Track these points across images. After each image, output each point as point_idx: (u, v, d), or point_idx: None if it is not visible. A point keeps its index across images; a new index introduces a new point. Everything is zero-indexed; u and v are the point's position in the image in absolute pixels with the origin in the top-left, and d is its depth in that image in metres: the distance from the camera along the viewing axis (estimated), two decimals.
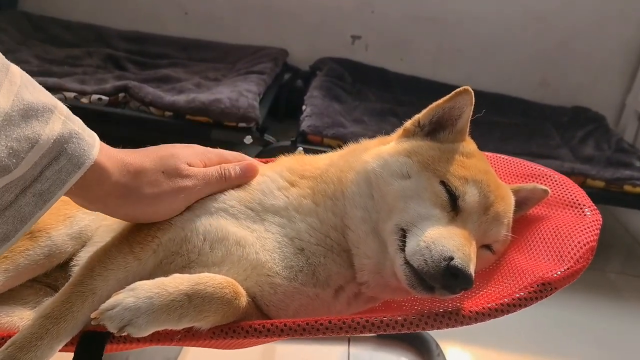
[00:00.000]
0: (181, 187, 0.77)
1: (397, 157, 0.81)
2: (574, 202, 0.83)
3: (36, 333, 0.67)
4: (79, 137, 0.65)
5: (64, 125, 0.64)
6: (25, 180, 0.62)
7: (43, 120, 0.62)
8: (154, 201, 0.75)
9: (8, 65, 0.61)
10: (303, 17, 3.12)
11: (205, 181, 0.80)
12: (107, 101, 2.17)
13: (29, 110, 0.61)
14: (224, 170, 0.82)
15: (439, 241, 0.71)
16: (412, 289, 0.72)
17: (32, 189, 0.63)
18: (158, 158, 0.76)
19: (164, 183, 0.75)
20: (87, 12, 3.09)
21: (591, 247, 0.71)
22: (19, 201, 0.62)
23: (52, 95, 0.66)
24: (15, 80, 0.61)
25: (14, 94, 0.60)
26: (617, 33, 3.07)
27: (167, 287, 0.67)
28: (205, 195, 0.81)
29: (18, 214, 0.62)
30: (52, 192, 0.64)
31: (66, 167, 0.64)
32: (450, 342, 1.73)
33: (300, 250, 0.80)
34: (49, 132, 0.62)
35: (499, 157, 1.03)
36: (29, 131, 0.60)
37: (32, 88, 0.63)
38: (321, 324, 0.69)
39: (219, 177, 0.81)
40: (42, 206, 0.64)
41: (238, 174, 0.84)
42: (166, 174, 0.76)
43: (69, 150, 0.64)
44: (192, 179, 0.78)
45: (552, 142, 2.68)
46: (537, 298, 0.67)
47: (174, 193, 0.76)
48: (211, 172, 0.81)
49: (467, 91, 0.81)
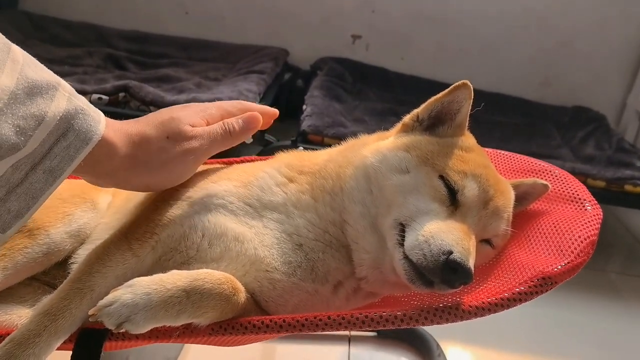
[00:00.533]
0: (188, 150, 0.76)
1: (395, 152, 0.81)
2: (574, 197, 0.82)
3: (34, 330, 0.67)
4: (84, 113, 0.65)
5: (69, 101, 0.64)
6: (35, 158, 0.62)
7: (48, 98, 0.62)
8: (164, 168, 0.75)
9: (9, 45, 0.61)
10: (303, 17, 3.12)
11: (210, 139, 0.78)
12: (108, 101, 2.16)
13: (33, 88, 0.61)
14: (227, 125, 0.81)
15: (437, 235, 0.70)
16: (412, 283, 0.72)
17: (41, 166, 0.63)
18: (160, 124, 0.75)
19: (171, 148, 0.75)
20: (87, 12, 3.09)
21: (592, 241, 0.71)
22: (29, 178, 0.63)
23: (53, 73, 0.66)
24: (17, 59, 0.61)
25: (18, 72, 0.60)
26: (618, 33, 3.07)
27: (165, 284, 0.67)
28: (214, 153, 0.80)
29: (29, 191, 0.63)
30: (61, 168, 0.64)
31: (74, 143, 0.64)
32: (451, 342, 1.73)
33: (299, 245, 0.79)
34: (54, 109, 0.62)
35: (499, 152, 1.03)
36: (34, 109, 0.61)
37: (35, 66, 0.63)
38: (320, 319, 0.69)
39: (223, 133, 0.80)
40: (53, 182, 0.64)
41: (241, 126, 0.82)
42: (171, 139, 0.75)
43: (76, 126, 0.64)
44: (197, 139, 0.77)
45: (553, 142, 2.68)
46: (538, 292, 0.66)
47: (182, 156, 0.75)
48: (215, 129, 0.79)
49: (466, 85, 0.81)
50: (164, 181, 0.78)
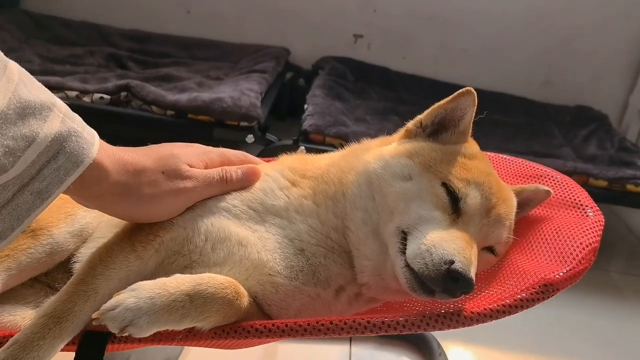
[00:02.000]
0: (181, 189, 0.76)
1: (398, 159, 0.81)
2: (576, 203, 0.82)
3: (38, 332, 0.67)
4: (78, 135, 0.65)
5: (62, 123, 0.63)
6: (23, 179, 0.61)
7: (41, 118, 0.61)
8: (153, 201, 0.74)
9: (6, 63, 0.61)
10: (305, 16, 3.12)
11: (206, 183, 0.79)
12: (109, 100, 2.16)
13: (26, 108, 0.60)
14: (225, 173, 0.81)
15: (439, 244, 0.70)
16: (413, 292, 0.72)
17: (30, 187, 0.62)
18: (158, 158, 0.75)
19: (164, 184, 0.74)
20: (89, 11, 3.09)
21: (594, 248, 0.71)
22: (16, 199, 0.62)
23: (51, 93, 0.65)
24: (12, 78, 0.60)
25: (11, 92, 0.60)
26: (620, 32, 3.06)
27: (169, 288, 0.67)
28: (206, 197, 0.80)
29: (15, 212, 0.62)
30: (50, 190, 0.63)
31: (65, 165, 0.63)
32: (452, 342, 1.73)
33: (301, 250, 0.79)
34: (47, 130, 0.61)
35: (501, 157, 1.03)
36: (26, 129, 0.60)
37: (31, 85, 0.63)
38: (322, 324, 0.69)
39: (220, 179, 0.80)
40: (40, 204, 0.63)
41: (240, 177, 0.83)
42: (166, 175, 0.75)
43: (68, 148, 0.63)
44: (192, 180, 0.77)
45: (555, 141, 2.68)
46: (539, 299, 0.67)
47: (173, 194, 0.75)
48: (212, 174, 0.80)
49: (470, 92, 0.80)
50: (149, 215, 0.77)
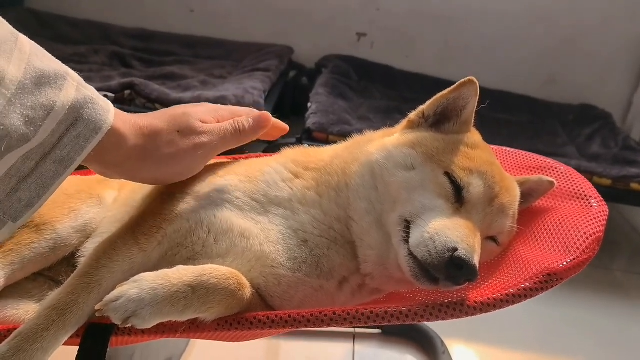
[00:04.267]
0: (198, 144, 0.76)
1: (401, 149, 0.81)
2: (580, 194, 0.82)
3: (42, 324, 0.67)
4: (93, 102, 0.65)
5: (77, 91, 0.64)
6: (45, 148, 0.62)
7: (56, 87, 0.62)
8: (173, 161, 0.75)
9: (17, 35, 0.61)
10: (308, 15, 3.12)
11: (220, 136, 0.79)
12: (113, 98, 2.17)
13: (41, 78, 0.61)
14: (237, 123, 0.81)
15: (443, 232, 0.70)
16: (416, 280, 0.72)
17: (52, 156, 0.63)
18: (171, 118, 0.76)
19: (181, 142, 0.75)
20: (93, 10, 3.10)
21: (597, 237, 0.71)
22: (40, 168, 0.63)
23: (62, 63, 0.65)
24: (25, 49, 0.61)
25: (26, 62, 0.60)
26: (624, 30, 3.05)
27: (171, 279, 0.68)
28: (223, 150, 0.81)
29: (40, 180, 0.63)
30: (71, 158, 0.64)
31: (84, 132, 0.64)
32: (456, 340, 1.73)
33: (304, 241, 0.79)
34: (63, 99, 0.62)
35: (505, 149, 1.02)
36: (43, 99, 0.61)
37: (42, 56, 0.63)
38: (325, 315, 0.69)
39: (233, 130, 0.80)
40: (63, 172, 0.64)
41: (252, 125, 0.82)
42: (181, 133, 0.75)
43: (85, 115, 0.64)
44: (207, 135, 0.77)
45: (559, 140, 2.67)
46: (543, 289, 0.66)
47: (191, 151, 0.76)
48: (226, 126, 0.80)
49: (472, 82, 0.81)
50: (172, 174, 0.78)
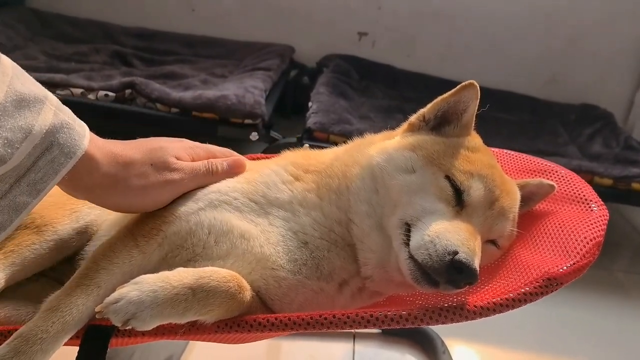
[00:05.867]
0: (168, 180, 0.78)
1: (401, 152, 0.81)
2: (580, 198, 0.82)
3: (42, 326, 0.67)
4: (69, 127, 0.66)
5: (55, 115, 0.65)
6: (20, 171, 0.63)
7: (35, 111, 0.63)
8: (141, 193, 0.76)
9: (0, 57, 0.62)
10: (310, 14, 3.11)
11: (192, 175, 0.81)
12: (114, 97, 2.17)
13: (21, 101, 0.62)
14: (211, 164, 0.83)
15: (443, 235, 0.70)
16: (417, 283, 0.72)
17: (26, 179, 0.64)
18: (147, 150, 0.77)
19: (152, 175, 0.76)
20: (94, 9, 3.10)
21: (598, 242, 0.71)
22: (13, 191, 0.63)
23: (41, 86, 0.66)
24: (7, 72, 0.62)
25: (7, 85, 0.61)
26: (625, 30, 3.04)
27: (171, 281, 0.68)
28: (192, 188, 0.82)
29: (13, 203, 0.64)
30: (45, 181, 0.65)
31: (58, 157, 0.65)
32: (456, 340, 1.73)
33: (304, 244, 0.79)
34: (41, 123, 0.63)
35: (505, 152, 1.02)
36: (22, 122, 0.61)
37: (24, 79, 0.64)
38: (325, 318, 0.69)
39: (206, 171, 0.82)
40: (36, 195, 0.65)
41: (225, 169, 0.85)
42: (154, 167, 0.77)
43: (61, 140, 0.65)
44: (179, 172, 0.79)
45: (560, 140, 2.67)
46: (543, 293, 0.66)
47: (161, 186, 0.77)
48: (199, 166, 0.82)
49: (473, 85, 0.81)
50: (137, 206, 0.79)
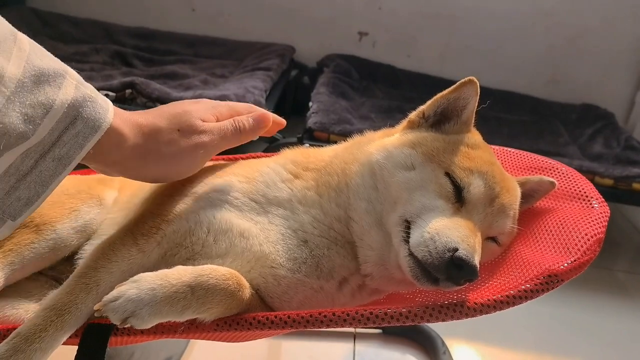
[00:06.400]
0: (199, 144, 0.76)
1: (401, 149, 0.81)
2: (581, 194, 0.82)
3: (40, 325, 0.67)
4: (93, 100, 0.66)
5: (76, 89, 0.64)
6: (44, 146, 0.62)
7: (55, 86, 0.62)
8: (174, 160, 0.75)
9: (16, 33, 0.61)
10: (310, 14, 3.12)
11: (221, 135, 0.79)
12: (114, 97, 2.17)
13: (40, 76, 0.61)
14: (238, 123, 0.81)
15: (443, 232, 0.70)
16: (416, 280, 0.72)
17: (51, 154, 0.63)
18: (172, 116, 0.76)
19: (181, 141, 0.75)
20: (94, 9, 3.10)
21: (599, 239, 0.70)
22: (39, 166, 0.63)
23: (60, 61, 0.66)
24: (24, 47, 0.61)
25: (25, 61, 0.60)
26: (627, 30, 3.04)
27: (170, 279, 0.67)
28: (223, 149, 0.81)
29: (39, 178, 0.63)
30: (70, 156, 0.64)
31: (83, 131, 0.64)
32: (456, 340, 1.73)
33: (304, 242, 0.79)
34: (62, 97, 0.62)
35: (505, 149, 1.02)
36: (42, 97, 0.61)
37: (41, 54, 0.63)
38: (325, 316, 0.69)
39: (234, 130, 0.81)
40: (62, 170, 0.64)
41: (252, 124, 0.83)
42: (182, 132, 0.75)
43: (84, 114, 0.64)
44: (208, 134, 0.77)
45: (561, 140, 2.66)
46: (544, 290, 0.66)
47: (192, 150, 0.76)
48: (226, 125, 0.80)
49: (472, 82, 0.80)
50: (172, 173, 0.78)
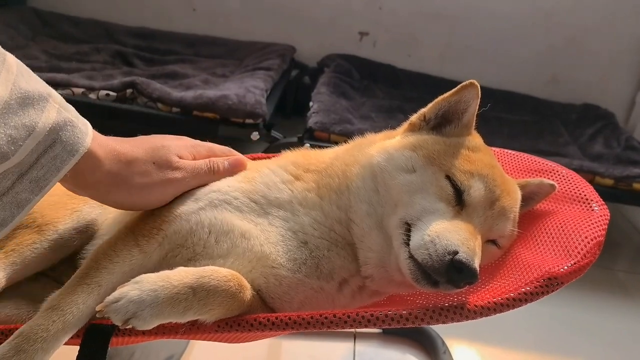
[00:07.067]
0: (170, 179, 0.79)
1: (402, 151, 0.81)
2: (581, 197, 0.82)
3: (43, 325, 0.67)
4: (73, 125, 0.67)
5: (58, 113, 0.66)
6: (22, 167, 0.64)
7: (39, 108, 0.64)
8: (144, 191, 0.77)
9: (4, 55, 0.63)
10: (311, 14, 3.12)
11: (194, 174, 0.81)
12: (115, 97, 2.17)
13: (26, 99, 0.62)
14: (212, 163, 0.84)
15: (443, 235, 0.70)
16: (417, 283, 0.72)
17: (28, 176, 0.64)
18: (150, 149, 0.78)
19: (154, 174, 0.77)
20: (95, 9, 3.10)
21: (598, 242, 0.71)
22: (15, 187, 0.64)
23: (45, 84, 0.67)
24: (11, 69, 0.62)
25: (12, 83, 0.62)
26: (627, 30, 3.04)
27: (172, 280, 0.68)
28: (194, 187, 0.83)
29: (15, 200, 0.64)
30: (47, 178, 0.65)
31: (61, 154, 0.66)
32: (457, 340, 1.73)
33: (304, 243, 0.79)
34: (45, 120, 0.64)
35: (506, 152, 1.02)
36: (26, 119, 0.62)
37: (28, 76, 0.65)
38: (326, 317, 0.69)
39: (208, 170, 0.83)
40: (38, 192, 0.66)
41: (226, 167, 0.85)
42: (157, 165, 0.77)
43: (64, 137, 0.66)
44: (181, 171, 0.80)
45: (561, 140, 2.66)
46: (543, 293, 0.66)
47: (163, 184, 0.78)
48: (200, 165, 0.83)
49: (473, 84, 0.81)
50: (140, 203, 0.79)
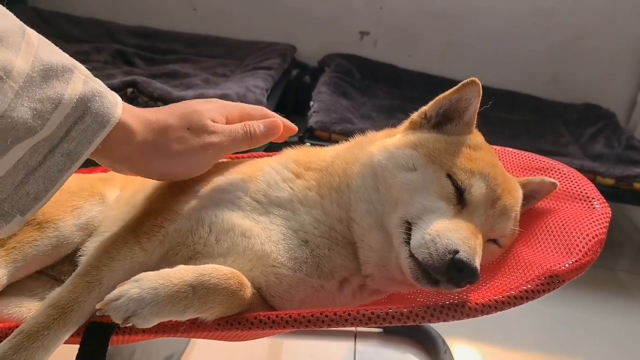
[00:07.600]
0: (208, 144, 0.76)
1: (403, 150, 0.81)
2: (582, 195, 0.82)
3: (43, 322, 0.67)
4: (101, 95, 0.65)
5: (85, 84, 0.64)
6: (52, 141, 0.62)
7: (64, 80, 0.62)
8: (182, 157, 0.75)
9: (24, 28, 0.61)
10: (312, 13, 3.11)
11: (231, 138, 0.78)
12: None
13: (49, 71, 0.61)
14: (249, 127, 0.81)
15: (444, 234, 0.70)
16: (417, 282, 0.72)
17: (59, 149, 0.63)
18: (182, 114, 0.76)
19: (191, 139, 0.75)
20: (96, 8, 3.10)
21: (600, 240, 0.71)
22: (47, 161, 0.63)
23: (70, 57, 0.66)
24: (32, 42, 0.61)
25: (33, 55, 0.60)
26: (628, 30, 3.04)
27: (172, 278, 0.67)
28: (232, 152, 0.81)
29: (48, 173, 0.63)
30: (79, 151, 0.64)
31: (92, 126, 0.64)
32: (457, 339, 1.73)
33: (304, 242, 0.79)
34: (71, 92, 0.62)
35: (507, 150, 1.02)
36: (51, 92, 0.61)
37: (50, 49, 0.63)
38: (326, 315, 0.69)
39: (244, 134, 0.80)
40: (71, 165, 0.64)
41: (262, 131, 0.82)
42: (192, 131, 0.75)
43: (93, 109, 0.64)
44: (218, 135, 0.77)
45: (562, 140, 2.66)
46: (545, 290, 0.66)
47: (201, 149, 0.76)
48: (237, 129, 0.80)
49: (475, 82, 0.80)
50: (180, 171, 0.77)
